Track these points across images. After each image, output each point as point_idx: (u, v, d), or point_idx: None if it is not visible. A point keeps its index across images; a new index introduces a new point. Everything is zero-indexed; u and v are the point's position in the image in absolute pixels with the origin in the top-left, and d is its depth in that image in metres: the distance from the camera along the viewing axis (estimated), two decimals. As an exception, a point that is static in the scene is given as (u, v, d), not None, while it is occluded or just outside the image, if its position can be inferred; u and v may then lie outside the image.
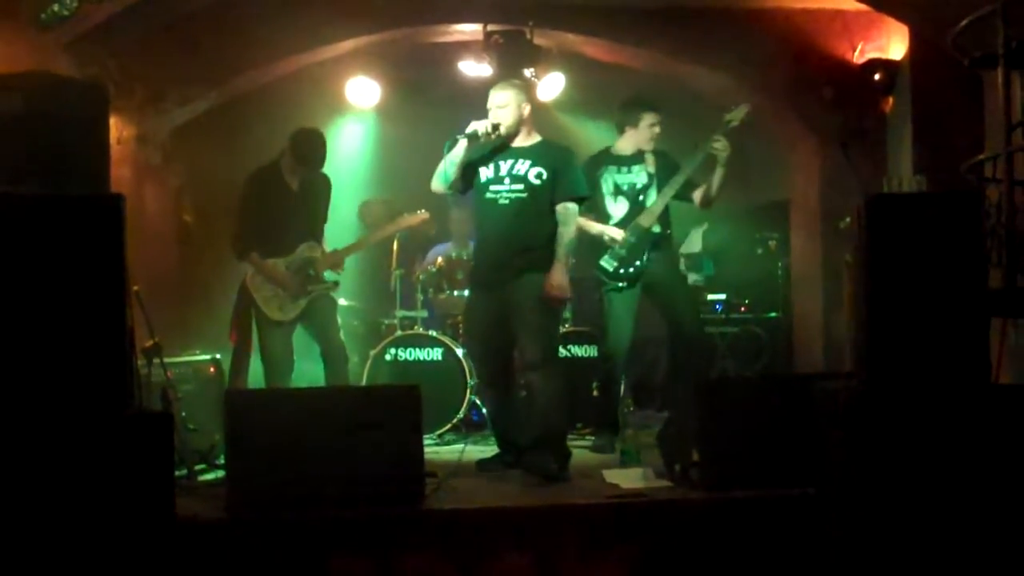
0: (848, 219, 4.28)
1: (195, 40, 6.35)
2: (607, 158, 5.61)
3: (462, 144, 4.74)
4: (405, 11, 6.81)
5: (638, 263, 5.42)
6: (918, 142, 6.32)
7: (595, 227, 5.46)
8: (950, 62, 4.62)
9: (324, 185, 5.73)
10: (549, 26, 6.86)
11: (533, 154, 4.83)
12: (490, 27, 6.69)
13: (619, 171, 5.55)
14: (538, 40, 6.75)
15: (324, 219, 5.79)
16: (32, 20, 5.34)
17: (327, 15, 6.57)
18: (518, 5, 6.72)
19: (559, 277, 4.71)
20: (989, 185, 4.03)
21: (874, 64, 6.72)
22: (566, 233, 4.78)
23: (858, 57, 6.82)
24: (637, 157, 5.57)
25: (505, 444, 4.96)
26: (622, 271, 5.41)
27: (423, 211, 6.14)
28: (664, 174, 5.52)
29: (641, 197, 5.51)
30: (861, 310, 3.50)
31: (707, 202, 5.58)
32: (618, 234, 5.42)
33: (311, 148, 5.50)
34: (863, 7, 6.39)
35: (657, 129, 5.56)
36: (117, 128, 6.08)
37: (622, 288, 5.44)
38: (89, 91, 3.86)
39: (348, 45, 6.98)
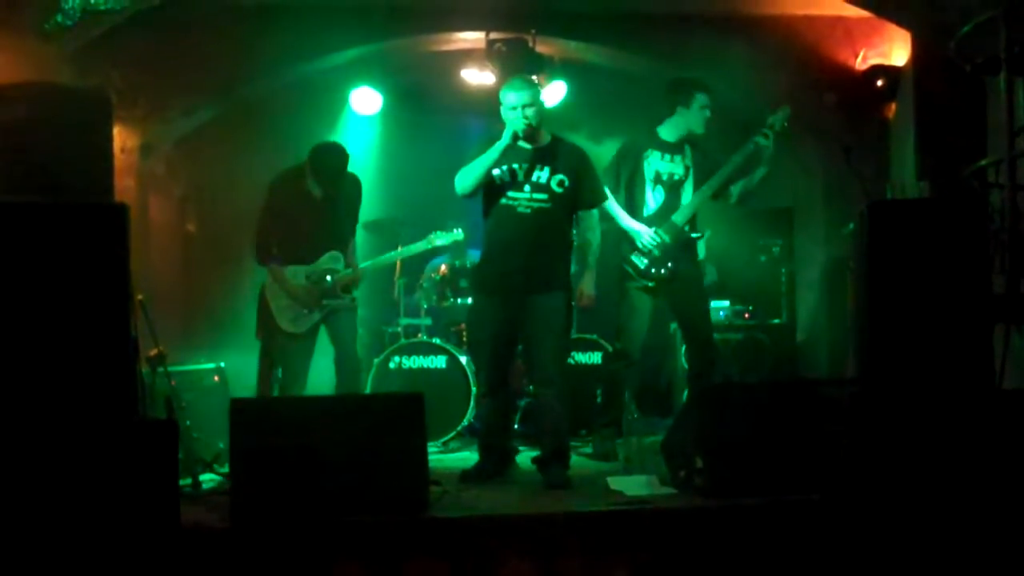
0: (851, 225, 4.26)
1: (198, 50, 6.36)
2: (653, 141, 5.34)
3: (502, 144, 4.57)
4: (408, 20, 6.82)
5: (670, 264, 5.24)
6: (921, 148, 6.32)
7: (629, 223, 5.23)
8: (952, 68, 4.64)
9: (351, 188, 5.59)
10: (551, 34, 6.88)
11: (551, 158, 4.69)
12: (492, 35, 6.70)
13: (662, 157, 5.31)
14: (540, 48, 6.77)
15: (354, 223, 5.68)
16: (35, 30, 5.36)
17: (330, 24, 6.59)
18: (520, 13, 6.74)
19: (591, 287, 4.91)
20: (992, 190, 4.04)
21: (876, 70, 6.73)
22: (594, 240, 4.85)
23: (860, 63, 6.82)
24: (679, 147, 5.34)
25: (488, 453, 4.91)
26: (652, 271, 5.24)
27: (458, 230, 6.00)
28: (701, 170, 5.33)
29: (678, 190, 5.32)
30: (865, 316, 3.51)
31: (746, 198, 5.42)
32: (650, 239, 5.19)
33: (324, 164, 5.37)
34: (865, 13, 6.39)
35: (708, 113, 5.32)
36: (121, 138, 6.09)
37: (649, 287, 5.30)
38: (92, 101, 3.87)
39: (351, 54, 6.99)
